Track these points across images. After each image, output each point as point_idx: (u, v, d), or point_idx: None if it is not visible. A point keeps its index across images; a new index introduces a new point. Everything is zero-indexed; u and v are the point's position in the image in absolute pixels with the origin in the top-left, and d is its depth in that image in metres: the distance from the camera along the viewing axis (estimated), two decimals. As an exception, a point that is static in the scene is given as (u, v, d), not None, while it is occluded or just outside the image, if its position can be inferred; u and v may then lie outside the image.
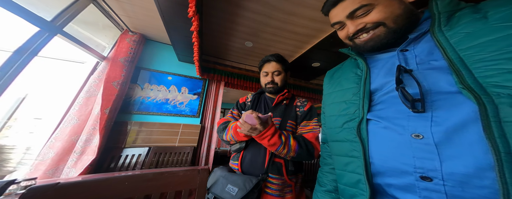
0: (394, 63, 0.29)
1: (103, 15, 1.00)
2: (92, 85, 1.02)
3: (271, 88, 0.62)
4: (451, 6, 0.27)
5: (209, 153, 1.46)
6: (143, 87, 1.31)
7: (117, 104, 1.10)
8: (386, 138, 0.26)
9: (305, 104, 0.62)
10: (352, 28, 0.30)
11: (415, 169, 0.23)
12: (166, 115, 1.36)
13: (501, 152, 0.18)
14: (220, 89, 1.70)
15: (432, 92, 0.24)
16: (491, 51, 0.21)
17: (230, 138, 0.56)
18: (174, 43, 1.14)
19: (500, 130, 0.18)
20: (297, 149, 0.49)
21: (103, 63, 1.09)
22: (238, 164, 0.56)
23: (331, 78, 0.41)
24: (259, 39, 1.27)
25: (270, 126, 0.47)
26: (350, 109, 0.32)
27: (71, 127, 0.93)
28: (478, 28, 0.23)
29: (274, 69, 0.61)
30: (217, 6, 0.92)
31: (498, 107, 0.19)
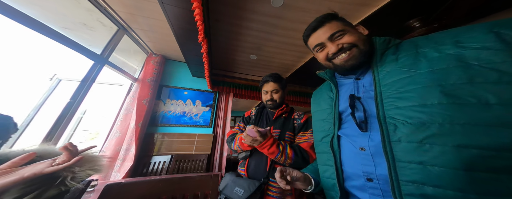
0: (351, 90, 0.38)
1: (134, 42, 1.32)
2: (128, 103, 1.35)
3: (271, 104, 0.75)
4: (384, 44, 0.35)
5: (222, 160, 1.69)
6: (165, 103, 1.62)
7: (146, 119, 1.41)
8: (348, 150, 0.35)
9: (302, 117, 0.73)
10: (333, 48, 0.36)
11: (363, 173, 0.32)
12: (184, 126, 1.64)
13: (389, 160, 0.28)
14: (229, 100, 1.96)
15: (371, 116, 0.32)
16: (392, 90, 0.29)
17: (237, 147, 0.69)
18: (188, 62, 1.41)
19: (389, 146, 0.28)
20: (293, 156, 0.59)
21: (135, 84, 1.43)
22: (244, 169, 0.68)
23: (314, 99, 0.51)
24: (263, 52, 1.49)
25: (269, 138, 0.58)
26: (326, 126, 0.40)
27: (115, 139, 1.24)
28: (391, 68, 0.31)
29: (272, 88, 0.73)
30: (223, 28, 1.14)
31: (389, 132, 0.29)
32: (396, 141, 0.28)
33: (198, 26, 0.77)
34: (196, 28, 0.81)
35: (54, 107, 0.86)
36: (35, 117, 1.13)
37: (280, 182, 0.41)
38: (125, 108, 1.33)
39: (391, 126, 0.29)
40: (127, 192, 0.45)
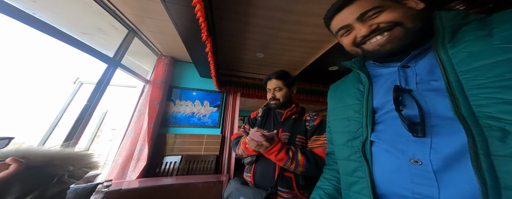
0: (394, 81, 0.29)
1: (144, 45, 1.39)
2: (141, 105, 1.43)
3: (274, 104, 0.69)
4: (456, 19, 0.25)
5: (230, 161, 1.69)
6: (175, 103, 1.68)
7: (158, 119, 1.48)
8: (386, 161, 0.27)
9: (315, 118, 0.65)
10: (363, 30, 0.28)
11: (413, 195, 0.24)
12: (193, 127, 1.68)
13: (487, 185, 0.18)
14: (236, 100, 1.95)
15: (432, 116, 0.23)
16: (489, 77, 0.20)
17: (242, 152, 0.64)
18: (195, 62, 1.44)
19: (489, 164, 0.18)
20: (306, 164, 0.53)
21: (147, 86, 1.51)
22: (250, 176, 0.63)
23: (334, 93, 0.41)
24: (270, 49, 1.45)
25: (277, 142, 0.53)
26: (353, 127, 0.32)
27: (130, 139, 1.32)
28: (481, 47, 0.21)
29: (275, 85, 0.69)
30: (227, 26, 1.12)
31: (488, 141, 0.19)
32: (503, 156, 0.18)
33: (201, 23, 0.76)
34: (199, 26, 0.80)
35: (77, 108, 0.94)
36: (62, 118, 1.26)
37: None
38: (139, 109, 1.41)
39: (493, 130, 0.19)
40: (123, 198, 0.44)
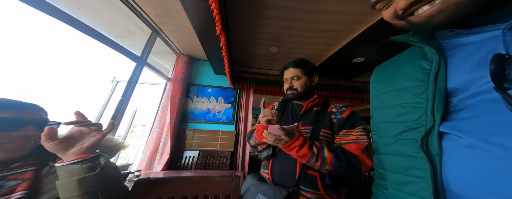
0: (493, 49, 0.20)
1: (165, 44, 1.51)
2: (164, 101, 1.57)
3: (291, 94, 0.64)
4: None
5: (245, 158, 1.70)
6: (193, 100, 1.78)
7: (178, 115, 1.59)
8: (472, 160, 0.20)
9: (343, 110, 0.58)
10: (402, 1, 0.23)
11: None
12: (209, 123, 1.76)
13: None
14: (250, 96, 1.96)
15: None
16: None
17: (255, 141, 0.61)
18: (210, 58, 1.49)
19: None
20: (335, 162, 0.47)
21: (169, 83, 1.64)
22: (268, 172, 0.58)
23: (381, 75, 0.35)
24: (284, 43, 1.40)
25: (298, 137, 0.47)
26: (410, 115, 0.26)
27: (156, 133, 1.46)
28: None
29: (292, 74, 0.63)
30: (240, 20, 1.11)
31: None
32: None
33: (215, 15, 0.77)
34: (214, 21, 0.83)
35: (115, 105, 1.09)
36: (104, 113, 1.47)
37: None
38: (162, 105, 1.55)
39: None
40: (153, 188, 0.49)
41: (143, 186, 0.47)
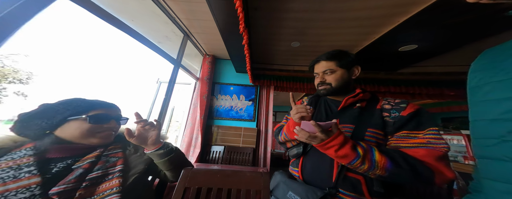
0: None
1: (194, 46, 1.67)
2: (194, 99, 1.76)
3: (323, 89, 0.58)
4: None
5: (266, 155, 1.72)
6: (217, 98, 1.92)
7: (206, 112, 1.74)
8: None
9: (403, 107, 0.48)
10: None
11: None
12: (232, 120, 1.86)
13: None
14: (270, 93, 1.95)
15: None
16: None
17: (284, 138, 0.58)
18: (232, 57, 1.55)
19: None
20: (390, 167, 0.39)
21: (198, 82, 1.82)
22: (298, 171, 0.55)
23: (491, 62, 0.29)
24: (307, 36, 1.30)
25: (336, 135, 0.42)
26: None
27: (189, 128, 1.68)
28: None
29: (324, 68, 0.57)
30: (261, 16, 1.09)
31: None
32: None
33: (239, 14, 0.80)
34: (237, 21, 0.86)
35: (159, 104, 1.32)
36: (152, 112, 1.81)
37: None
38: (193, 103, 1.74)
39: None
40: (195, 177, 0.55)
41: (187, 174, 0.55)
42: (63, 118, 0.44)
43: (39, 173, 0.38)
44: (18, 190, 0.35)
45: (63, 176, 0.41)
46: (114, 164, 0.45)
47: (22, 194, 0.35)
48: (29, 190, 0.36)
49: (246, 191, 0.54)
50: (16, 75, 4.99)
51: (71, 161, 0.43)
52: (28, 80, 5.06)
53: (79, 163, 0.43)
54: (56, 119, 0.43)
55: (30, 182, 0.36)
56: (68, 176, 0.40)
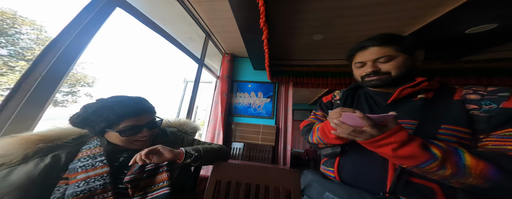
0: None
1: (214, 46, 1.74)
2: (216, 96, 1.87)
3: (377, 80, 0.47)
4: None
5: (286, 153, 1.69)
6: (236, 95, 1.98)
7: (227, 109, 1.81)
8: None
9: (505, 96, 0.36)
10: None
11: None
12: (250, 117, 1.88)
13: None
14: (289, 90, 1.89)
15: None
16: None
17: (317, 140, 0.51)
18: (250, 54, 1.55)
19: None
20: (496, 176, 0.30)
21: (218, 81, 1.90)
22: (334, 171, 0.49)
23: None
24: (333, 27, 1.17)
25: (396, 130, 0.34)
26: None
27: (212, 125, 1.81)
28: None
29: (377, 55, 0.46)
30: (280, 9, 1.04)
31: None
32: None
33: (260, 7, 0.80)
34: (257, 16, 0.86)
35: (186, 102, 1.48)
36: (181, 110, 2.08)
37: None
38: (214, 101, 1.84)
39: None
40: (225, 171, 0.58)
41: (218, 168, 0.58)
42: (101, 130, 0.44)
43: (108, 162, 0.42)
44: (95, 177, 0.40)
45: (126, 165, 0.44)
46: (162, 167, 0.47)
47: (98, 181, 0.40)
48: (102, 178, 0.40)
49: (275, 188, 0.53)
50: (85, 79, 6.58)
51: (131, 152, 0.47)
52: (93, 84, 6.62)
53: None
54: (96, 129, 0.44)
55: (102, 170, 0.41)
56: (133, 167, 0.44)
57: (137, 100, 0.49)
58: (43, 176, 0.37)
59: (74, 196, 0.37)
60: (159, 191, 0.43)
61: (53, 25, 7.19)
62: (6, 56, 5.04)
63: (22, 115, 0.47)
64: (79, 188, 0.38)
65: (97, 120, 0.43)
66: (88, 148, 0.44)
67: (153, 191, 0.43)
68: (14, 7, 5.02)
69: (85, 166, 0.41)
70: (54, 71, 0.53)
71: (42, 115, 0.51)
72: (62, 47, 0.54)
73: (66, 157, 0.41)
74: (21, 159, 0.37)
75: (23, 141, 0.38)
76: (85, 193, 0.37)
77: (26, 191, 0.34)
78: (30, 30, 5.32)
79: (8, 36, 5.02)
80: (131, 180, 0.42)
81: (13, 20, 4.98)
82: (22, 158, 0.37)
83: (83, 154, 0.43)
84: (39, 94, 0.50)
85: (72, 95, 6.18)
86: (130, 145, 0.47)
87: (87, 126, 0.44)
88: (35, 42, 5.41)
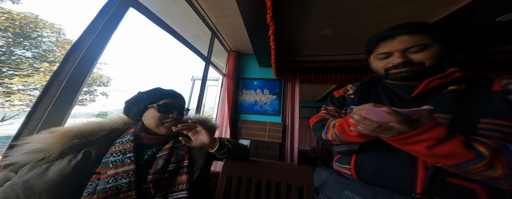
0: None
1: (220, 44, 1.75)
2: (222, 94, 1.91)
3: (406, 72, 0.42)
4: None
5: (293, 151, 1.69)
6: (242, 93, 1.99)
7: (233, 106, 1.84)
8: None
9: None
10: None
11: None
12: (256, 114, 1.89)
13: None
14: (296, 87, 1.87)
15: None
16: None
17: (333, 137, 0.48)
18: (256, 51, 1.54)
19: None
20: None
21: (224, 78, 1.92)
22: (350, 168, 0.46)
23: None
24: (342, 21, 1.12)
25: (431, 126, 0.31)
26: None
27: (219, 121, 1.85)
28: None
29: (409, 44, 0.41)
30: (287, 3, 1.02)
31: None
32: None
33: (267, 2, 0.78)
34: (263, 11, 0.85)
35: (194, 99, 1.54)
36: (190, 107, 2.15)
37: None
38: (221, 98, 1.86)
39: None
40: (236, 167, 0.58)
41: (229, 163, 0.59)
42: (145, 106, 0.48)
43: (135, 160, 0.43)
44: (122, 174, 0.40)
45: (149, 164, 0.45)
46: (183, 158, 0.49)
47: (124, 179, 0.40)
48: (128, 176, 0.40)
49: (287, 185, 0.53)
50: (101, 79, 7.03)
51: (155, 149, 0.48)
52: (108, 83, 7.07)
53: (160, 152, 0.47)
54: (141, 106, 0.48)
55: (129, 168, 0.41)
56: (154, 166, 0.44)
57: (171, 89, 0.56)
58: (75, 173, 0.38)
59: (104, 192, 0.38)
60: (179, 194, 0.43)
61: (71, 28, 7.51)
62: (31, 58, 5.54)
63: (54, 112, 0.51)
64: (108, 185, 0.39)
65: (147, 97, 0.49)
66: (120, 142, 0.45)
67: (173, 193, 0.43)
68: (35, 11, 5.39)
69: (116, 162, 0.42)
70: (78, 71, 0.57)
71: (70, 112, 0.56)
72: (84, 48, 0.58)
73: (96, 154, 0.42)
74: (58, 155, 0.38)
75: (61, 136, 0.39)
76: (113, 190, 0.38)
77: (59, 188, 0.35)
78: (50, 33, 5.75)
79: (32, 39, 5.49)
80: (154, 180, 0.42)
81: (35, 23, 5.43)
82: (59, 153, 0.38)
83: (116, 148, 0.44)
84: (67, 93, 0.54)
85: (90, 94, 6.68)
86: (159, 126, 0.49)
87: (135, 106, 0.49)
88: (55, 45, 5.85)
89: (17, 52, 5.47)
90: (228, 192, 0.56)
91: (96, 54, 0.61)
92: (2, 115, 6.22)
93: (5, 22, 4.98)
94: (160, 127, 0.49)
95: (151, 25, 5.46)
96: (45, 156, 0.37)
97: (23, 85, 4.97)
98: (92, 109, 23.25)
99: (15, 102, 4.71)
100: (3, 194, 0.32)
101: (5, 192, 0.32)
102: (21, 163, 0.37)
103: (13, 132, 0.46)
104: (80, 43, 0.58)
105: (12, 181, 0.34)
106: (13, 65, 5.31)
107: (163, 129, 0.49)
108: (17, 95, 4.81)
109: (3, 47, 5.21)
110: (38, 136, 0.39)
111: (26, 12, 5.44)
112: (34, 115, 0.49)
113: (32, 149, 0.37)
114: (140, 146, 0.47)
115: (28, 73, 5.22)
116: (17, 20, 5.20)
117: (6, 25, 5.01)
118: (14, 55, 5.48)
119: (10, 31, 5.13)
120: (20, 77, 4.98)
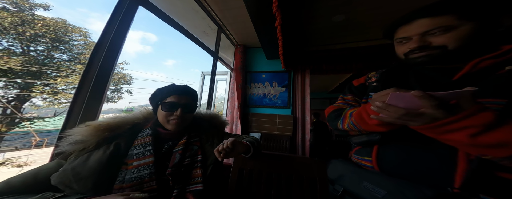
0: None
1: (227, 39, 1.78)
2: (231, 88, 1.97)
3: (424, 56, 0.39)
4: None
5: (305, 143, 1.72)
6: (250, 86, 2.03)
7: (243, 100, 1.91)
8: None
9: None
10: None
11: None
12: (266, 107, 1.94)
13: None
14: (306, 78, 1.83)
15: None
16: None
17: (350, 127, 0.46)
18: (263, 43, 1.52)
19: None
20: None
21: (233, 73, 1.98)
22: (371, 160, 0.43)
23: None
24: (356, 5, 1.02)
25: (475, 111, 0.27)
26: None
27: (229, 116, 1.95)
28: None
29: (428, 27, 0.38)
30: None
31: None
32: None
33: None
34: (268, 1, 0.83)
35: (205, 95, 1.64)
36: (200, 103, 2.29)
37: None
38: (230, 92, 1.94)
39: None
40: (249, 161, 0.61)
41: (240, 157, 0.60)
42: (156, 103, 0.52)
43: (153, 153, 0.46)
44: (144, 166, 0.43)
45: (167, 156, 0.47)
46: (196, 153, 0.51)
47: (145, 170, 0.43)
48: (148, 167, 0.43)
49: (299, 178, 0.53)
50: (124, 78, 7.80)
51: (171, 143, 0.51)
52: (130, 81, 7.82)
53: (176, 147, 0.50)
54: (154, 103, 0.52)
55: (149, 160, 0.44)
56: (172, 160, 0.47)
57: (184, 85, 0.57)
58: (110, 161, 0.42)
59: (130, 181, 0.42)
60: (196, 186, 0.46)
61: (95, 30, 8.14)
62: (67, 61, 6.40)
63: (88, 108, 0.58)
64: (133, 175, 0.42)
65: (158, 94, 0.53)
66: (141, 136, 0.49)
67: (190, 185, 0.46)
68: (63, 16, 6.03)
69: (138, 154, 0.45)
70: (103, 71, 0.62)
71: (101, 108, 0.64)
72: (104, 49, 0.62)
73: (124, 146, 0.47)
74: (95, 145, 0.43)
75: (95, 129, 0.44)
76: (137, 180, 0.42)
77: (99, 174, 0.40)
78: (78, 37, 6.46)
79: (65, 43, 6.27)
80: (172, 173, 0.45)
81: (65, 28, 6.13)
82: (95, 144, 0.43)
83: (138, 141, 0.48)
84: (96, 90, 0.60)
85: (117, 92, 7.57)
86: (166, 123, 0.51)
87: (152, 102, 0.54)
88: (84, 47, 6.59)
89: (56, 56, 6.34)
90: (240, 184, 0.57)
91: (115, 54, 0.65)
92: (54, 111, 7.56)
93: (42, 28, 5.72)
94: (167, 124, 0.51)
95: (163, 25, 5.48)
96: (85, 147, 0.43)
97: (65, 85, 5.85)
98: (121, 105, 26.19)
99: (61, 100, 5.64)
100: (59, 178, 0.38)
101: (59, 176, 0.38)
102: (68, 152, 0.43)
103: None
104: (100, 44, 0.62)
105: (64, 167, 0.39)
106: (55, 67, 6.22)
107: (169, 126, 0.51)
108: (62, 94, 5.72)
109: (45, 52, 6.08)
110: (77, 129, 0.44)
111: (57, 18, 6.11)
112: (73, 111, 0.56)
113: (74, 141, 0.43)
114: (159, 139, 0.50)
115: (67, 74, 6.09)
116: (51, 26, 5.93)
117: (43, 31, 5.77)
118: (54, 59, 6.38)
119: (47, 36, 5.90)
120: (61, 78, 5.85)
